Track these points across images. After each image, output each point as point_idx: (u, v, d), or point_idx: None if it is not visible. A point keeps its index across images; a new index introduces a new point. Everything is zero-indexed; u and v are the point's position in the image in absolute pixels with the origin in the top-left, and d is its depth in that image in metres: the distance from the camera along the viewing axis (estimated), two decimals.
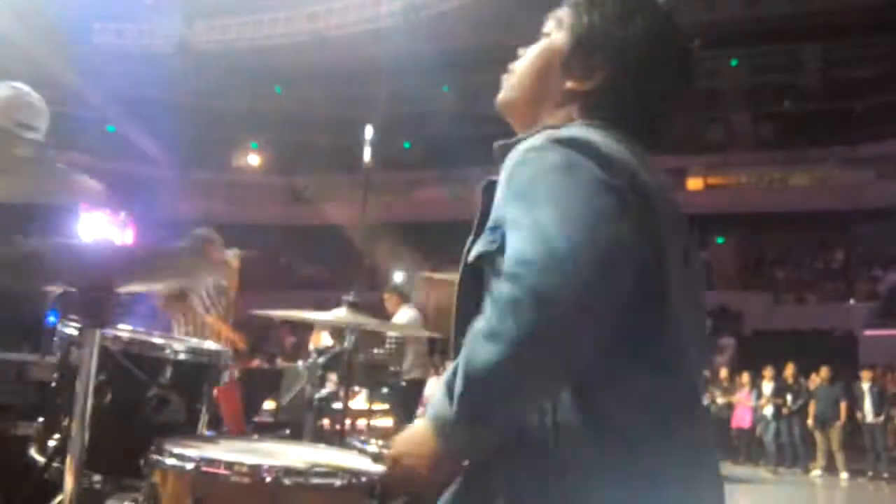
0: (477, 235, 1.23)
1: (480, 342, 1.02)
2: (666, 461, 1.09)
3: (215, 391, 2.18)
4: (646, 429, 1.09)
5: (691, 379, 1.17)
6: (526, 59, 1.35)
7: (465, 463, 1.15)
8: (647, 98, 1.28)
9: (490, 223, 1.20)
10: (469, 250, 1.24)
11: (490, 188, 1.25)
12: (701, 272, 1.27)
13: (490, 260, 1.17)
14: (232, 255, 5.53)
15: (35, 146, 2.87)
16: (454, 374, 1.06)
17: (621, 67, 1.26)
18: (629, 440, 1.08)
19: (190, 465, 1.46)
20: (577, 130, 1.17)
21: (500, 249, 1.12)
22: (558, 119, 1.27)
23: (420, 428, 1.12)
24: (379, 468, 1.27)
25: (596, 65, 1.26)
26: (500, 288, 1.03)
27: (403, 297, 6.61)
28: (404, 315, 6.39)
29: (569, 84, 1.28)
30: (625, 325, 1.05)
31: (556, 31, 1.33)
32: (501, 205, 1.14)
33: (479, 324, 1.04)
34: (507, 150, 1.22)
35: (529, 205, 1.06)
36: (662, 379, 1.12)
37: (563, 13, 1.33)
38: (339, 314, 2.68)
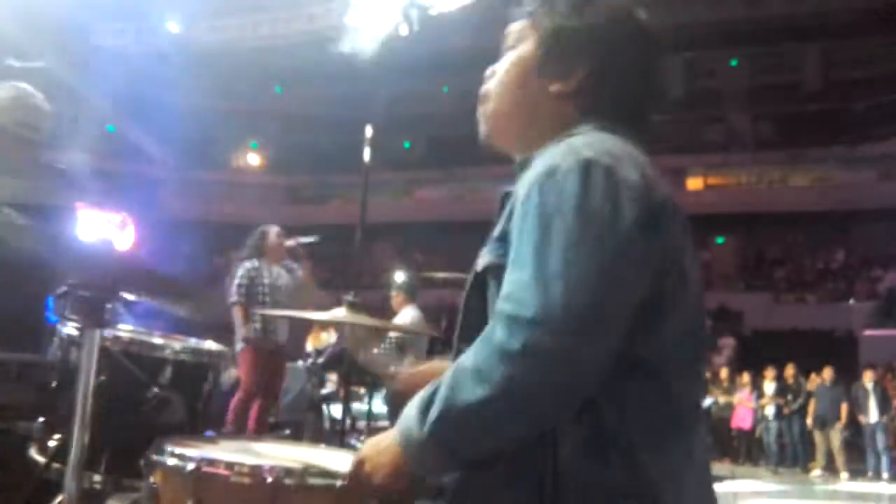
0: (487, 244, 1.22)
1: (467, 378, 1.03)
2: (663, 471, 1.09)
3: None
4: (644, 439, 1.09)
5: (690, 385, 1.17)
6: (498, 80, 1.32)
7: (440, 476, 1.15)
8: (632, 81, 1.27)
9: (497, 233, 1.19)
10: (480, 257, 1.23)
11: (505, 198, 1.23)
12: (699, 273, 1.26)
13: (494, 272, 1.16)
14: (294, 244, 5.62)
15: (36, 146, 2.88)
16: (433, 393, 1.07)
17: (598, 56, 1.25)
18: (628, 451, 1.08)
19: (190, 466, 1.45)
20: (595, 140, 1.15)
21: (505, 264, 1.11)
22: (558, 125, 1.24)
23: (388, 437, 1.15)
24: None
25: (574, 61, 1.25)
26: (494, 329, 1.03)
27: (409, 296, 6.61)
28: (406, 315, 6.37)
29: (553, 88, 1.26)
30: (630, 339, 1.06)
31: (520, 43, 1.31)
32: (513, 220, 1.12)
33: (468, 358, 1.05)
34: (527, 163, 1.21)
35: (539, 242, 1.04)
36: (662, 388, 1.12)
37: (520, 26, 1.32)
38: (339, 314, 2.67)
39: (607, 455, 1.07)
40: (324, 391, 7.67)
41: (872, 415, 11.65)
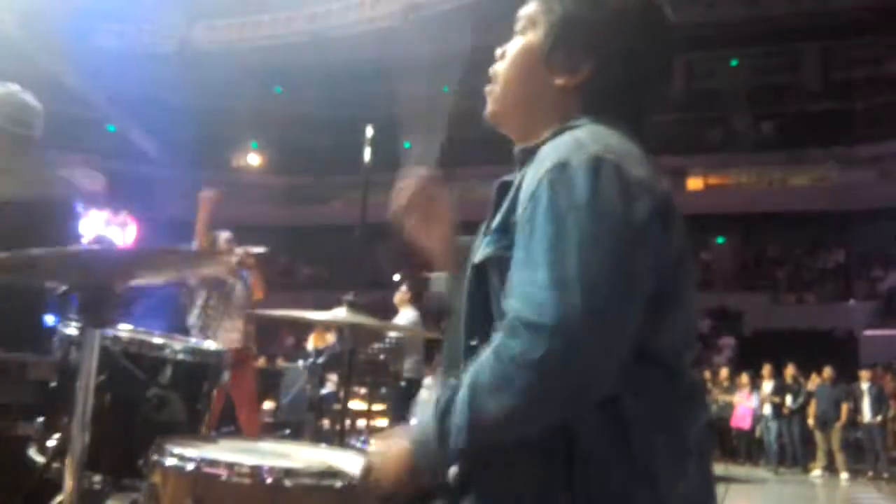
0: (486, 235, 1.21)
1: (486, 392, 1.03)
2: (668, 462, 1.10)
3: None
4: (652, 429, 1.10)
5: (690, 378, 1.18)
6: (506, 65, 1.31)
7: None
8: (638, 81, 1.25)
9: (499, 224, 1.17)
10: (478, 249, 1.22)
11: (503, 188, 1.22)
12: (694, 271, 1.27)
13: (496, 263, 1.15)
14: (243, 252, 5.60)
15: (33, 145, 2.87)
16: (447, 403, 1.07)
17: (606, 53, 1.23)
18: (638, 442, 1.08)
19: (190, 466, 1.45)
20: (599, 135, 1.14)
21: (509, 256, 1.10)
22: (559, 116, 1.23)
23: (397, 445, 1.15)
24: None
25: (581, 56, 1.23)
26: (510, 337, 1.01)
27: (413, 296, 6.60)
28: (405, 315, 6.38)
29: (559, 81, 1.25)
30: (641, 329, 1.06)
31: (529, 30, 1.30)
32: (518, 213, 1.11)
33: (483, 372, 1.04)
34: (528, 154, 1.20)
35: (554, 241, 1.02)
36: (667, 378, 1.13)
37: (532, 10, 1.30)
38: (339, 314, 2.68)
39: (627, 440, 1.08)
40: (324, 391, 7.68)
41: (868, 415, 11.67)
